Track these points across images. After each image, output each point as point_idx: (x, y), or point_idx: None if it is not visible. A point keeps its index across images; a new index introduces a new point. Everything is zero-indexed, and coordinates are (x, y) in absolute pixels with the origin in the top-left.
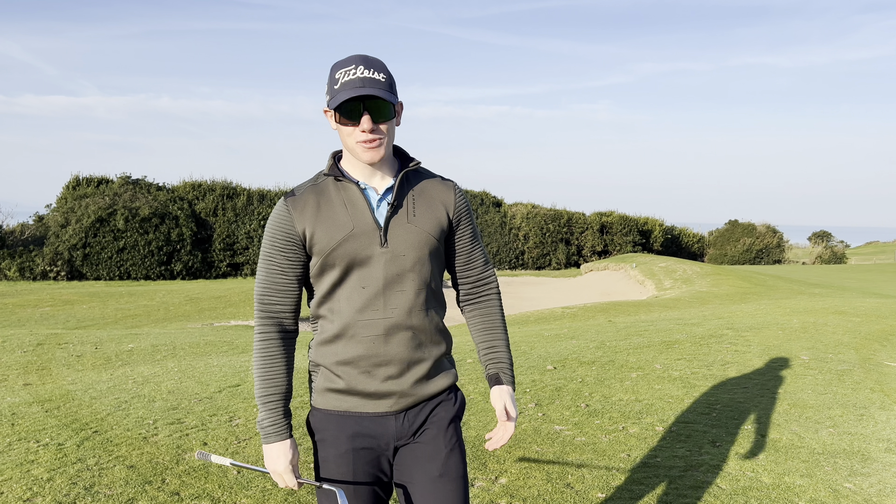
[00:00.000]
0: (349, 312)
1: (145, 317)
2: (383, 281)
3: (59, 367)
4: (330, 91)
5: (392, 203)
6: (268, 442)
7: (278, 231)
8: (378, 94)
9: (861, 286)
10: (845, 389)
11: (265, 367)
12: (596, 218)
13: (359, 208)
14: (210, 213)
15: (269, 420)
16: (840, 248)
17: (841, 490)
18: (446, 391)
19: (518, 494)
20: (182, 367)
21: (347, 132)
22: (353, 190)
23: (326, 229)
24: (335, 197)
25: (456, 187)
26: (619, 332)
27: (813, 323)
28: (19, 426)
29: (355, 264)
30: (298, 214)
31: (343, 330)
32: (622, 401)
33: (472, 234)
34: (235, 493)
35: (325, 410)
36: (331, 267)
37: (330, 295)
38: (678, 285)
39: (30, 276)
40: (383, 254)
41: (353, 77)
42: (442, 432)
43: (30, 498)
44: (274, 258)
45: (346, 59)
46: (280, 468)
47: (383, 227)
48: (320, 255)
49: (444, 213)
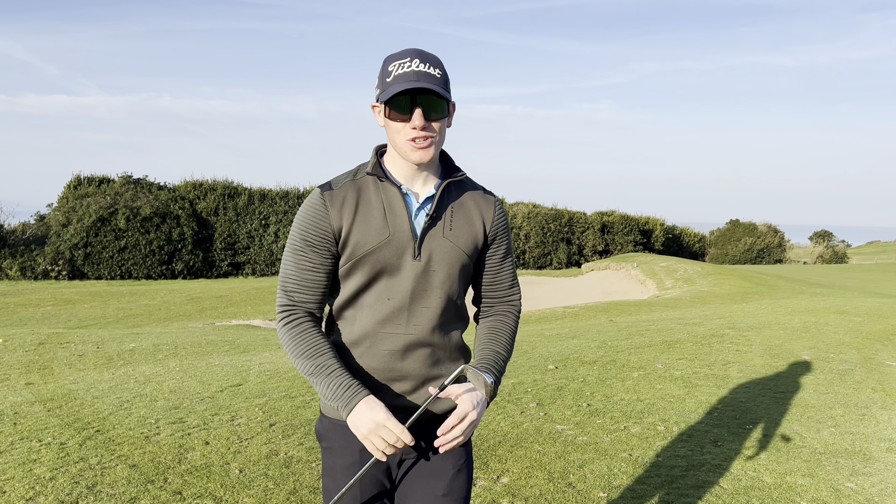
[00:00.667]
0: (370, 322)
1: (147, 316)
2: (410, 295)
3: (60, 367)
4: (381, 84)
5: (430, 214)
6: (353, 404)
7: (311, 225)
8: (433, 88)
9: (862, 286)
10: (847, 389)
11: (309, 344)
12: (597, 217)
13: (398, 214)
14: (211, 212)
15: (340, 384)
16: (841, 248)
17: (843, 490)
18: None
19: (520, 494)
20: (184, 367)
21: (397, 129)
22: (395, 194)
23: (363, 232)
24: (374, 198)
25: (497, 203)
26: (621, 332)
27: (814, 322)
28: (21, 425)
29: (384, 273)
30: (336, 210)
31: (361, 339)
32: (624, 400)
33: (504, 253)
34: (238, 492)
35: (335, 420)
36: (359, 271)
37: (354, 300)
38: (679, 285)
39: (31, 275)
40: (414, 266)
41: (408, 70)
42: (451, 451)
43: (32, 497)
44: (304, 253)
45: (401, 52)
46: (381, 418)
47: (419, 238)
48: (352, 256)
49: (481, 229)
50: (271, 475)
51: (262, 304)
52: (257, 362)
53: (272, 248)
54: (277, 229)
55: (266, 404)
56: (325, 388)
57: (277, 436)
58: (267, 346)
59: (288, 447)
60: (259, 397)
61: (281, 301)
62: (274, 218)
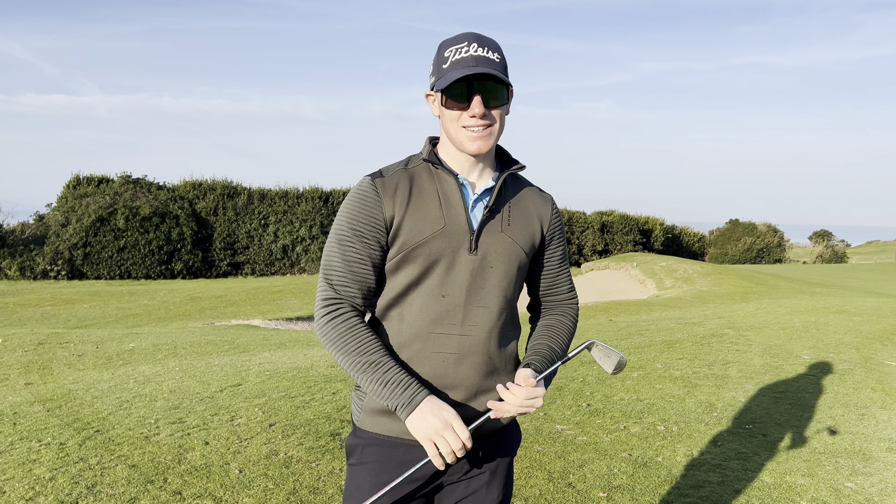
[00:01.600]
0: (421, 322)
1: (146, 316)
2: (466, 292)
3: (60, 367)
4: (437, 71)
5: (489, 206)
6: (416, 402)
7: (362, 213)
8: (494, 72)
9: (862, 285)
10: (846, 389)
11: (359, 339)
12: (597, 217)
13: (453, 204)
14: (210, 212)
15: (399, 381)
16: (841, 248)
17: (842, 489)
18: (507, 426)
19: (520, 494)
20: (183, 367)
21: (454, 117)
22: (451, 183)
23: (416, 221)
24: (429, 186)
25: (553, 202)
26: (621, 332)
27: (814, 322)
28: (21, 425)
29: (438, 266)
30: (388, 198)
31: (411, 341)
32: (623, 400)
33: (562, 255)
34: (237, 492)
35: (373, 434)
36: (410, 263)
37: (402, 297)
38: (679, 284)
39: (30, 275)
40: (471, 261)
41: (466, 55)
42: (498, 477)
43: (32, 497)
44: (352, 244)
45: (457, 37)
46: (450, 417)
47: (476, 230)
48: (403, 248)
49: (538, 227)
50: (271, 475)
51: (262, 304)
52: (257, 362)
53: (271, 248)
54: (277, 229)
55: (266, 404)
56: (378, 387)
57: (277, 436)
58: (266, 346)
59: (287, 447)
60: (259, 397)
61: (325, 294)
62: (273, 218)
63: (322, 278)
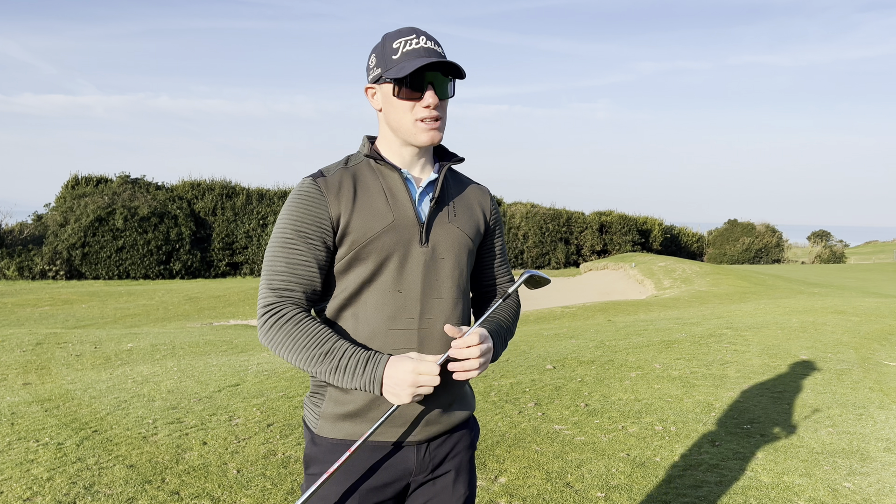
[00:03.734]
0: (379, 319)
1: (144, 316)
2: (421, 285)
3: (58, 367)
4: (384, 63)
5: (435, 198)
6: (379, 371)
7: (306, 214)
8: (454, 62)
9: (860, 286)
10: (844, 389)
11: (308, 333)
12: (595, 217)
13: (399, 199)
14: (209, 212)
15: (358, 360)
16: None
17: (840, 489)
18: (467, 419)
19: (517, 493)
20: (181, 367)
21: (406, 108)
22: (395, 178)
23: (364, 218)
24: (372, 182)
25: (490, 193)
26: (619, 332)
27: (812, 322)
28: (19, 425)
29: (391, 262)
30: (333, 197)
31: (368, 340)
32: (621, 400)
33: (502, 246)
34: (235, 492)
35: (334, 441)
36: (362, 261)
37: (356, 296)
38: (677, 285)
39: (29, 275)
40: (423, 253)
41: (418, 47)
42: (463, 474)
43: (30, 497)
44: (296, 246)
45: (403, 30)
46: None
47: (425, 223)
48: (353, 246)
49: (482, 217)
50: (269, 475)
51: None
52: (255, 362)
53: None
54: None
55: (264, 404)
56: (339, 374)
57: (275, 436)
58: (265, 347)
59: (286, 447)
60: (257, 397)
61: (267, 300)
62: (272, 218)
63: (264, 284)
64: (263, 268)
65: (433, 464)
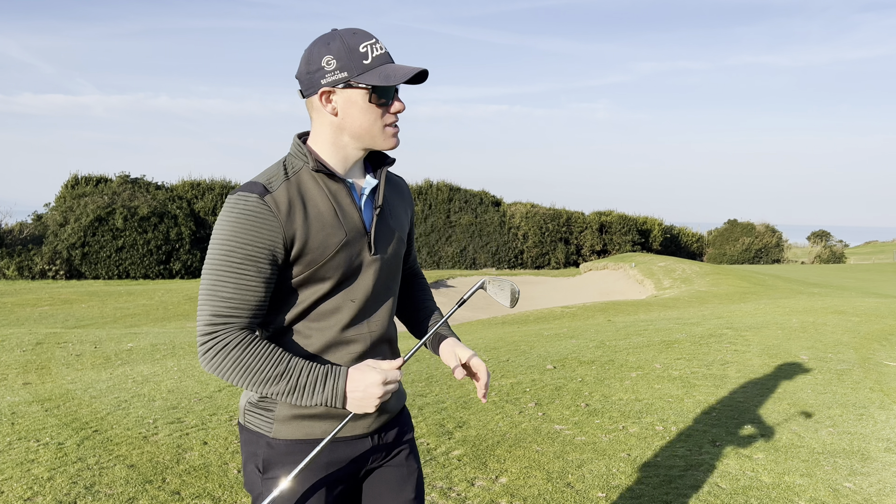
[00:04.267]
0: (335, 329)
1: (144, 316)
2: (372, 292)
3: (58, 367)
4: (352, 67)
5: (378, 205)
6: (340, 385)
7: (257, 238)
8: (427, 70)
9: (860, 286)
10: (845, 389)
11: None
12: (595, 217)
13: (348, 212)
14: (209, 212)
15: (317, 377)
16: (839, 248)
17: (841, 489)
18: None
19: (518, 494)
20: (182, 367)
21: (377, 114)
22: (340, 189)
23: (319, 238)
24: (319, 196)
25: (406, 184)
26: (619, 332)
27: (812, 322)
28: (19, 425)
29: (345, 275)
30: (285, 218)
31: (325, 347)
32: (622, 400)
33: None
34: (236, 492)
35: (292, 441)
36: (320, 280)
37: (310, 309)
38: (677, 285)
39: (28, 275)
40: (373, 262)
41: (382, 52)
42: (412, 451)
43: (30, 497)
44: (245, 271)
45: (359, 32)
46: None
47: (373, 232)
48: (309, 266)
49: (408, 213)
50: None
51: None
52: None
53: None
54: None
55: None
56: (298, 394)
57: None
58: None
59: None
60: None
61: (209, 327)
62: None
63: (206, 309)
64: (205, 288)
65: (386, 448)
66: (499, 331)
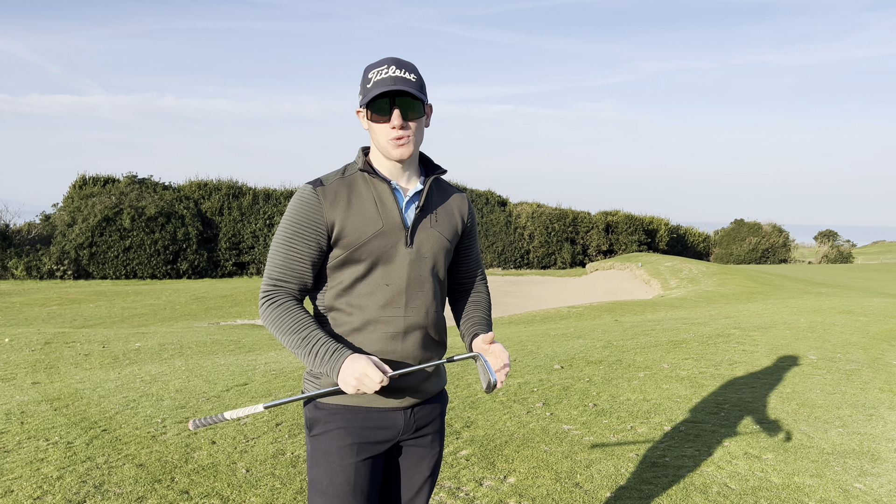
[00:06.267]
0: (373, 308)
1: (152, 316)
2: (406, 280)
3: (66, 366)
4: (363, 91)
5: (420, 206)
6: (339, 363)
7: (305, 219)
8: (408, 90)
9: (868, 285)
10: (854, 389)
11: (294, 319)
12: (601, 217)
13: (388, 207)
14: (216, 212)
15: (326, 350)
16: (846, 248)
17: (851, 490)
18: (441, 390)
19: (527, 494)
20: (189, 366)
21: (378, 129)
22: (384, 188)
23: (357, 224)
24: (365, 192)
25: (469, 199)
26: (626, 332)
27: (820, 322)
28: (28, 425)
29: (381, 261)
30: (329, 205)
31: (364, 324)
32: (630, 400)
33: (474, 242)
34: (245, 491)
35: (336, 405)
36: (356, 262)
37: (350, 289)
38: (684, 285)
39: (37, 275)
40: (408, 254)
41: (385, 76)
42: (438, 435)
43: (40, 496)
44: (295, 245)
45: (379, 61)
46: (362, 367)
47: (410, 228)
48: (347, 248)
49: (459, 222)
50: (278, 474)
51: None
52: (263, 362)
53: None
54: None
55: None
56: (311, 359)
57: (284, 435)
58: (272, 346)
59: (294, 446)
60: (265, 397)
61: (266, 288)
62: (278, 218)
63: (265, 274)
64: (269, 257)
65: (417, 426)
66: (506, 331)
